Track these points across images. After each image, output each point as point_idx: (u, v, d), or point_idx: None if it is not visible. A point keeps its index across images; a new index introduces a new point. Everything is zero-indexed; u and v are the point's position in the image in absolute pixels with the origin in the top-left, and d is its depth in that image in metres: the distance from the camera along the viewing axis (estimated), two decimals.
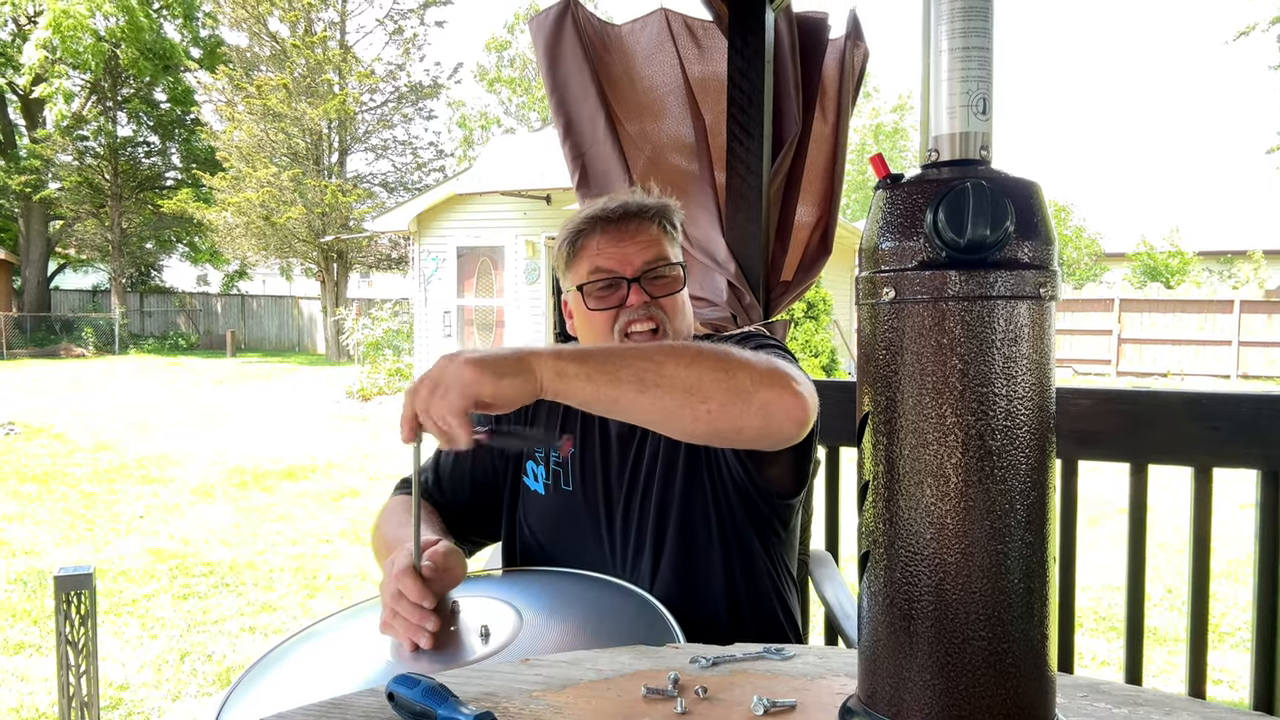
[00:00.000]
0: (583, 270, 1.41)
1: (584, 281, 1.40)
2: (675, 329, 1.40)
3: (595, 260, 1.40)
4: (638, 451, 1.42)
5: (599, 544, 1.41)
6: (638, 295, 1.38)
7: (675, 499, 1.38)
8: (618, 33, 2.26)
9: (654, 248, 1.41)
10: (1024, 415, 0.69)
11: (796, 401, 1.12)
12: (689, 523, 1.38)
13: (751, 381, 1.10)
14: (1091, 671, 3.68)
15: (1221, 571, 4.94)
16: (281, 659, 1.15)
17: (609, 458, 1.44)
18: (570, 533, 1.44)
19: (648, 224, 1.42)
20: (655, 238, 1.42)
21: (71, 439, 9.57)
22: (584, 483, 1.44)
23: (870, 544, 0.74)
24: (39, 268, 26.28)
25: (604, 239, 1.40)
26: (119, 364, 20.56)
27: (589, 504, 1.43)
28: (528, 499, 1.48)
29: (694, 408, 1.08)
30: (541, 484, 1.46)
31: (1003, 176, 0.70)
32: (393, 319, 16.03)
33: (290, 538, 5.79)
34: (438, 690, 0.78)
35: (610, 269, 1.39)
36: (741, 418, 1.10)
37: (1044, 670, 0.71)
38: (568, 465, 1.45)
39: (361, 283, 29.82)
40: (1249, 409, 1.69)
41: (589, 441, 1.45)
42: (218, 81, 23.24)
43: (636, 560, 1.39)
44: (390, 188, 25.88)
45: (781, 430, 1.15)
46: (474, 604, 1.19)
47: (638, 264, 1.39)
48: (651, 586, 1.35)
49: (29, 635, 3.98)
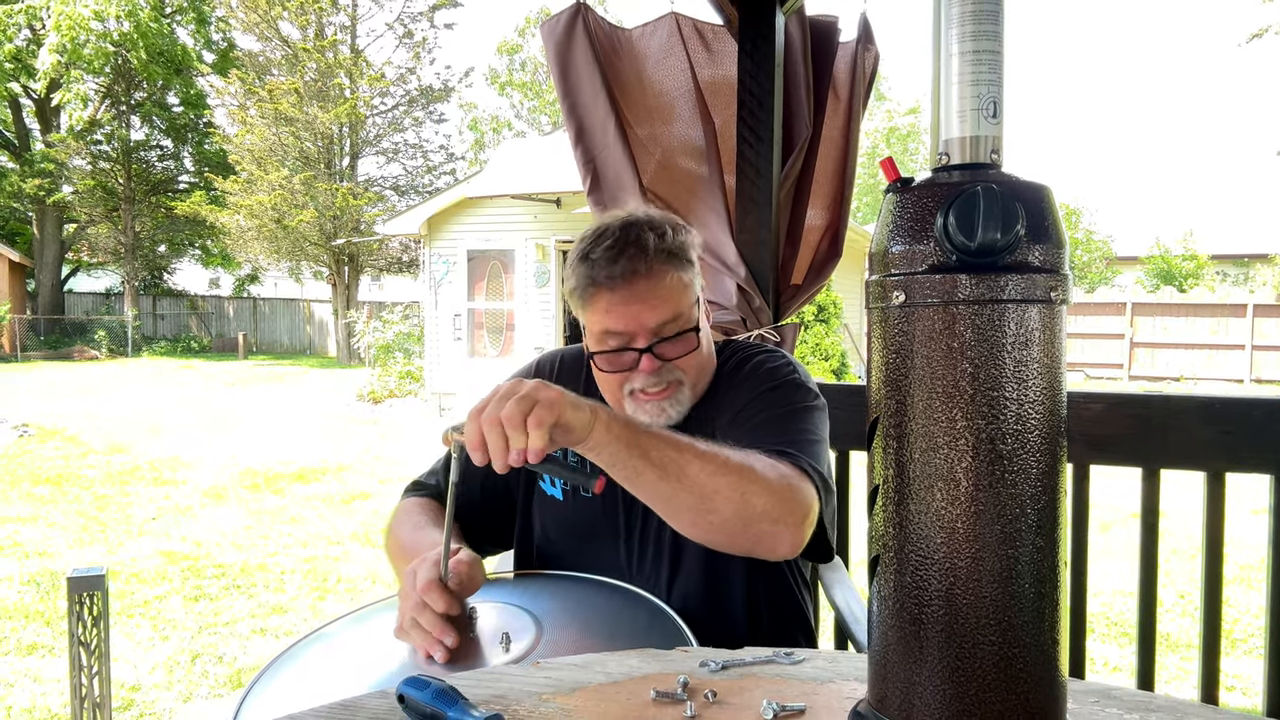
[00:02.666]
0: (594, 327, 1.34)
1: (595, 349, 1.34)
2: (693, 383, 1.36)
3: (605, 321, 1.32)
4: None
5: (616, 551, 1.40)
6: (650, 363, 1.31)
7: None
8: (628, 37, 2.26)
9: (667, 305, 1.31)
10: (1035, 419, 0.69)
11: (793, 535, 1.17)
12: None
13: (761, 510, 1.14)
14: (1103, 677, 3.66)
15: (1234, 577, 4.90)
16: (294, 659, 1.15)
17: None
18: (589, 539, 1.42)
19: (663, 274, 1.31)
20: (670, 290, 1.32)
21: (84, 441, 9.62)
22: (605, 490, 1.42)
23: (880, 548, 0.74)
24: (53, 271, 26.46)
25: (615, 299, 1.31)
26: (132, 366, 20.67)
27: (609, 511, 1.41)
28: (545, 505, 1.47)
29: (699, 513, 1.13)
30: (560, 490, 1.45)
31: (1013, 180, 0.70)
32: (403, 322, 16.07)
33: (301, 540, 5.80)
34: (448, 693, 0.79)
35: (621, 331, 1.31)
36: (736, 537, 1.16)
37: (1055, 676, 0.71)
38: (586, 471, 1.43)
39: (372, 286, 29.90)
40: (1262, 414, 1.67)
41: None
42: (230, 85, 23.38)
43: (656, 567, 1.37)
44: (401, 191, 25.97)
45: (769, 555, 1.21)
46: (490, 610, 1.19)
47: (650, 328, 1.31)
48: (669, 594, 1.34)
49: (42, 636, 4.01)
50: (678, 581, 1.36)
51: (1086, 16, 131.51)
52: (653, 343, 1.31)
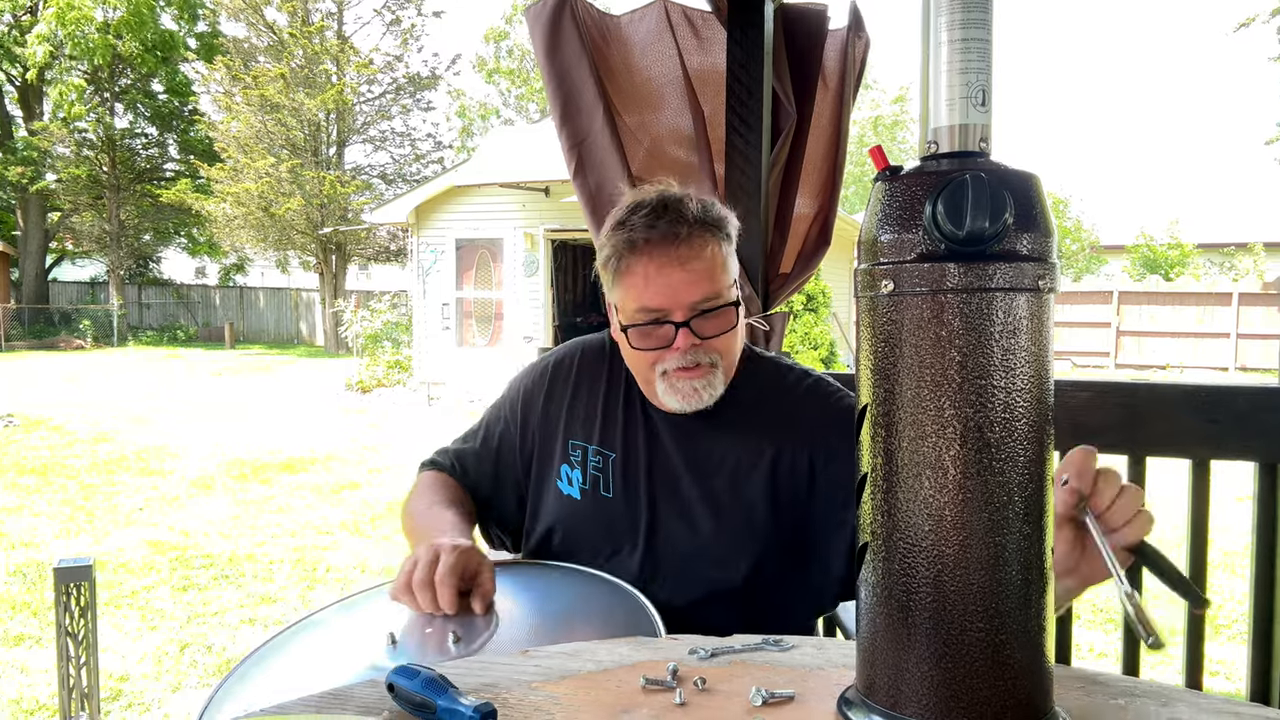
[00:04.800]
0: (629, 302, 1.28)
1: (629, 323, 1.28)
2: (726, 367, 1.31)
3: (643, 296, 1.26)
4: (705, 472, 1.34)
5: (633, 552, 1.34)
6: (685, 339, 1.25)
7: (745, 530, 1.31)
8: (616, 23, 2.25)
9: (708, 281, 1.25)
10: (1022, 407, 0.69)
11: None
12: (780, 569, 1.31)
13: None
14: (1089, 663, 3.69)
15: (1219, 563, 4.95)
16: (269, 654, 1.15)
17: (659, 470, 1.36)
18: (604, 539, 1.36)
19: (703, 245, 1.25)
20: (710, 264, 1.26)
21: (70, 431, 9.57)
22: (625, 490, 1.36)
23: (869, 536, 0.74)
24: (37, 260, 26.24)
25: (653, 266, 1.24)
26: (117, 356, 20.55)
27: (631, 512, 1.35)
28: (559, 503, 1.40)
29: None
30: (577, 488, 1.39)
31: (1002, 168, 0.70)
32: (391, 311, 16.03)
33: (289, 530, 5.79)
34: (438, 681, 0.78)
35: (659, 308, 1.25)
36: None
37: (1041, 662, 0.72)
38: (609, 471, 1.37)
39: (360, 275, 29.79)
40: (1247, 402, 1.69)
41: (632, 450, 1.37)
42: (215, 72, 23.18)
43: (672, 569, 1.31)
44: (389, 179, 25.84)
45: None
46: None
47: (688, 303, 1.25)
48: (688, 606, 1.29)
49: (29, 627, 3.99)
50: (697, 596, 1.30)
51: (1075, 5, 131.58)
52: (690, 317, 1.25)
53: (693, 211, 1.26)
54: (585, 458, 1.39)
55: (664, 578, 1.30)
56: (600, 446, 1.38)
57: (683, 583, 1.30)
